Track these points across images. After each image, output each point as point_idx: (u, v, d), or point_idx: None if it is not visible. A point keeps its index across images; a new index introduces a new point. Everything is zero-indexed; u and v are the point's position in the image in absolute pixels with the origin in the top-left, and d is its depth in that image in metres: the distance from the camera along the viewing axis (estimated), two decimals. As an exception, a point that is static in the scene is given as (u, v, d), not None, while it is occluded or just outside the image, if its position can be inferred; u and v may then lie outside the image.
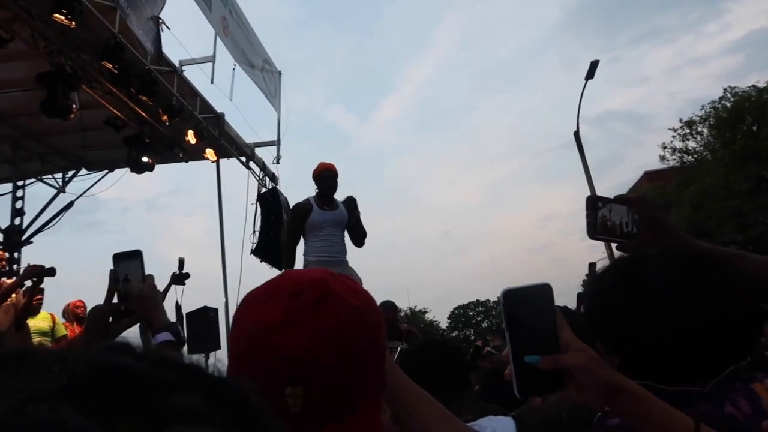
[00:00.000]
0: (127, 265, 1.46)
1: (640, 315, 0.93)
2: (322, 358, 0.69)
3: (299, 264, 4.97)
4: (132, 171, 7.42)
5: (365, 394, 0.74)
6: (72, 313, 5.95)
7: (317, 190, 4.95)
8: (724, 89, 21.78)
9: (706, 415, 0.77)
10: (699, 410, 0.77)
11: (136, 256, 1.47)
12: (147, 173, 7.47)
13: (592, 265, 4.95)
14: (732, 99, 21.31)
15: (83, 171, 8.73)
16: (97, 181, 8.71)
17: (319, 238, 4.87)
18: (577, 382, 0.73)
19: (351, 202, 5.06)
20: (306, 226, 4.89)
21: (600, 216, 1.30)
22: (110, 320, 1.45)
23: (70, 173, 8.75)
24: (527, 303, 0.75)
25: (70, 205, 8.53)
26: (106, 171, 8.68)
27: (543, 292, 0.76)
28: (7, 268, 6.38)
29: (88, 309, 4.58)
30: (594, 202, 1.31)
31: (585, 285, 5.00)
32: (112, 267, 1.46)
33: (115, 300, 1.45)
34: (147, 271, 1.46)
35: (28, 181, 8.50)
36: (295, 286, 0.74)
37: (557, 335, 0.75)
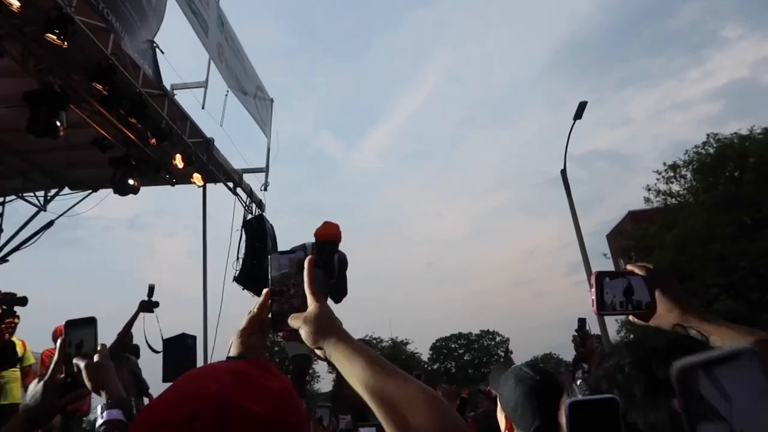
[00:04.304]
0: (80, 333, 1.40)
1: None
2: None
3: None
4: (116, 193, 7.26)
5: None
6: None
7: (316, 246, 4.82)
8: (707, 135, 22.28)
9: None
10: None
11: (90, 323, 1.41)
12: (130, 193, 7.30)
13: (582, 321, 4.92)
14: (715, 145, 21.77)
15: (66, 190, 8.54)
16: (80, 201, 8.53)
17: None
18: None
19: (342, 260, 4.99)
20: None
21: (606, 291, 1.25)
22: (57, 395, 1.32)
23: (53, 192, 8.56)
24: (592, 415, 0.70)
25: (51, 224, 8.30)
26: (90, 191, 8.51)
27: (609, 406, 0.71)
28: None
29: None
30: (601, 279, 1.24)
31: (574, 340, 4.97)
32: (63, 336, 1.38)
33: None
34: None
35: (8, 198, 8.29)
36: (189, 408, 0.66)
37: None
